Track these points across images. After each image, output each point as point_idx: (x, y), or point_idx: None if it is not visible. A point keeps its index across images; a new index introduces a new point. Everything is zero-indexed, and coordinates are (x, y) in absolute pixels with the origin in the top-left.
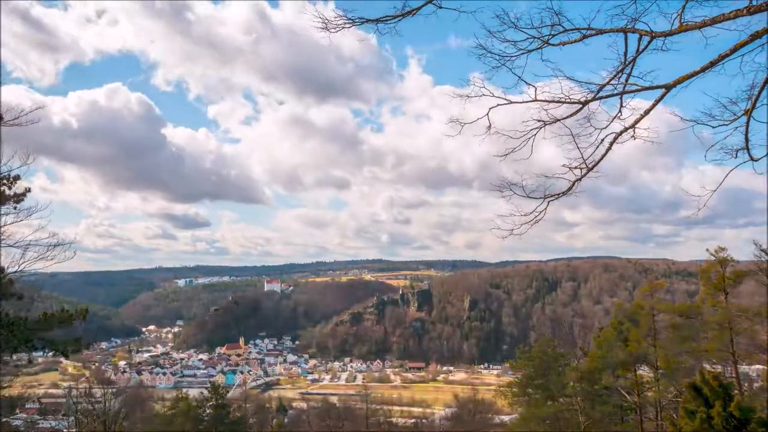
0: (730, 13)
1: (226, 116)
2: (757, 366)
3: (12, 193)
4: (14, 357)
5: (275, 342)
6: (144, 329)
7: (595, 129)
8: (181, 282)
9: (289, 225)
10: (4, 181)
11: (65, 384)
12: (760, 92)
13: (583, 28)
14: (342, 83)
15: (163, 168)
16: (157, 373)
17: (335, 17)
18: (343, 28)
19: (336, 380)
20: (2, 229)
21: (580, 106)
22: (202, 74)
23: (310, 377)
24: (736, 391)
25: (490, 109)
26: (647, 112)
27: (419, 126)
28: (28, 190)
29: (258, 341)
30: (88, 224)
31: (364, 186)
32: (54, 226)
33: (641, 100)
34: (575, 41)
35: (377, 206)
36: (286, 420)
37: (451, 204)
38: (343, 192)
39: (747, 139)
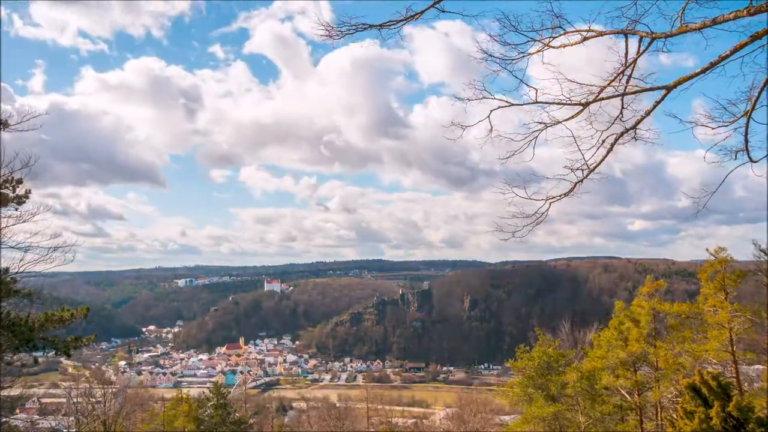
0: (730, 14)
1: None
2: (757, 366)
3: (14, 195)
4: (15, 357)
5: (275, 342)
6: (144, 329)
7: (597, 131)
8: (181, 282)
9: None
10: (7, 184)
11: (65, 384)
12: (759, 94)
13: (584, 30)
14: None
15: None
16: (157, 373)
17: (338, 23)
18: (346, 34)
19: (336, 380)
20: (4, 230)
21: (581, 107)
22: None
23: (310, 377)
24: (735, 392)
25: (491, 111)
26: (648, 113)
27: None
28: (29, 191)
29: (258, 341)
30: None
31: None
32: None
33: (642, 101)
34: (576, 43)
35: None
36: (286, 420)
37: (405, 200)
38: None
39: (746, 141)
